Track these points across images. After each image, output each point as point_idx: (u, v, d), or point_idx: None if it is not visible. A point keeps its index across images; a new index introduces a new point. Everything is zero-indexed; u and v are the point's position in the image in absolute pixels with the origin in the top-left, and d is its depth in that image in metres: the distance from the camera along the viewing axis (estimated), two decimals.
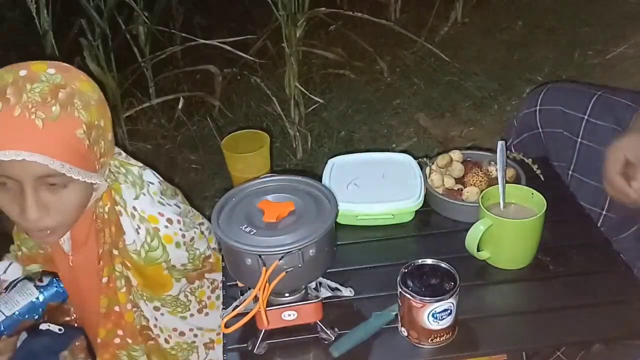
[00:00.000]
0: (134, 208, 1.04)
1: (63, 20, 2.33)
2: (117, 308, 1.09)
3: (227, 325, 0.90)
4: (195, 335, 1.17)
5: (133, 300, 1.08)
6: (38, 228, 0.94)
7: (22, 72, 0.89)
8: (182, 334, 1.16)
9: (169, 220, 1.06)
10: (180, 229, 1.08)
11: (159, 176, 1.14)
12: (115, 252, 1.05)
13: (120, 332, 1.11)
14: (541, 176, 1.26)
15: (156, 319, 1.12)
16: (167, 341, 1.15)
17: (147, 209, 1.05)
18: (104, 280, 1.07)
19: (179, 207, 1.12)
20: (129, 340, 1.10)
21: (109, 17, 2.39)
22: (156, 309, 1.11)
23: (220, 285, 1.12)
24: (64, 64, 0.96)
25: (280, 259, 0.88)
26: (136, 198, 1.05)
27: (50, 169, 0.88)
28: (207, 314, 1.16)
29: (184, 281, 1.11)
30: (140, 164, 1.12)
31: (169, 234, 1.05)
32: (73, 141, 0.90)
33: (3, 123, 0.86)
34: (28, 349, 1.08)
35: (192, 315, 1.15)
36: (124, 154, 1.12)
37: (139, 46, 2.64)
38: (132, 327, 1.09)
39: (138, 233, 1.03)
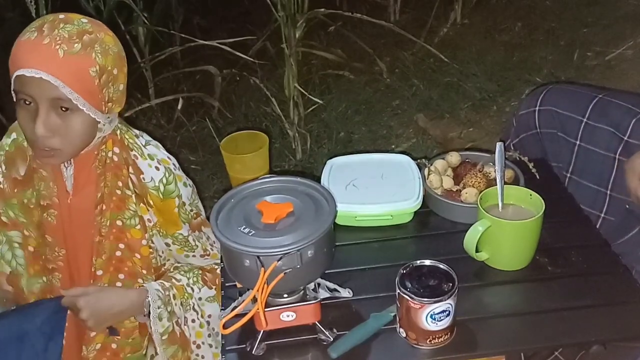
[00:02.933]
0: (150, 153, 1.20)
1: None
2: (118, 253, 1.19)
3: (225, 326, 0.90)
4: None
5: (149, 236, 1.21)
6: (43, 145, 1.07)
7: (61, 16, 1.08)
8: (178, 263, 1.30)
9: (174, 165, 1.23)
10: (183, 172, 1.25)
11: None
12: (128, 192, 1.17)
13: (121, 276, 1.21)
14: (537, 174, 1.26)
15: (162, 252, 1.25)
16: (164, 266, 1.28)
17: (158, 153, 1.21)
18: (104, 222, 1.17)
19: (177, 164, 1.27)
20: (144, 272, 1.22)
21: (108, 18, 2.39)
22: (167, 244, 1.24)
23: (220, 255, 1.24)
24: (98, 21, 1.13)
25: (278, 260, 0.88)
26: (146, 145, 1.21)
27: (60, 92, 1.03)
28: (206, 257, 1.30)
29: (188, 227, 1.23)
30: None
31: (178, 173, 1.22)
32: (85, 76, 1.04)
33: (34, 47, 1.03)
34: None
35: (194, 256, 1.28)
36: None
37: (138, 47, 2.64)
38: (147, 260, 1.22)
39: (158, 170, 1.19)
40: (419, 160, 1.31)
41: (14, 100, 1.08)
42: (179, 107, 2.63)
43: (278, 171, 2.39)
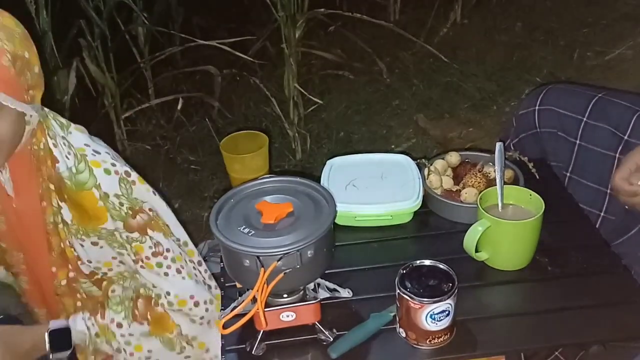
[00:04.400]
0: (63, 138, 1.09)
1: (62, 20, 2.33)
2: (62, 245, 1.12)
3: (225, 326, 0.90)
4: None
5: (66, 238, 1.11)
6: None
7: None
8: (122, 262, 1.17)
9: (96, 151, 1.09)
10: (112, 159, 1.10)
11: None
12: (52, 186, 1.08)
13: (72, 275, 1.15)
14: (536, 174, 1.26)
15: (87, 253, 1.13)
16: (106, 273, 1.18)
17: (75, 142, 1.09)
18: (50, 219, 1.09)
19: (109, 153, 1.13)
20: (75, 275, 1.14)
21: (108, 18, 2.39)
22: (94, 244, 1.12)
23: (169, 255, 1.14)
24: None
25: (278, 260, 0.88)
26: (65, 133, 1.10)
27: None
28: (142, 267, 1.15)
29: (121, 225, 1.10)
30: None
31: (96, 159, 1.08)
32: (0, 68, 0.95)
33: None
34: None
35: (128, 255, 1.14)
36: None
37: (138, 47, 2.64)
38: (74, 262, 1.12)
39: (67, 159, 1.07)
40: (418, 160, 1.31)
41: None
42: (179, 107, 2.63)
43: (278, 171, 2.39)
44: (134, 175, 1.12)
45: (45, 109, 1.11)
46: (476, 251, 1.08)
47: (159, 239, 1.13)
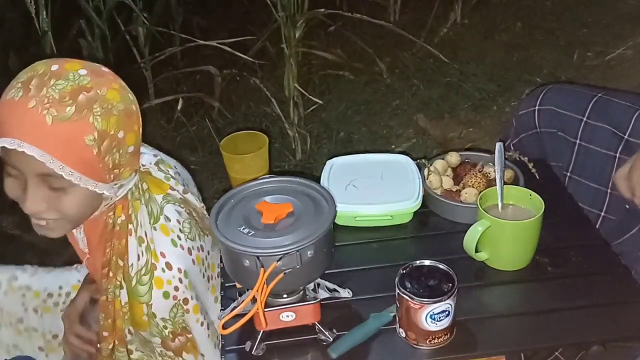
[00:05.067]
0: (145, 234, 1.01)
1: (62, 21, 2.33)
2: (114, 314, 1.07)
3: (225, 327, 0.90)
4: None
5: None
6: (38, 219, 0.94)
7: (54, 67, 0.89)
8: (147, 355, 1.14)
9: (168, 265, 1.01)
10: (179, 280, 1.01)
11: (192, 205, 1.12)
12: (121, 262, 1.02)
13: (117, 342, 1.10)
14: (536, 174, 1.26)
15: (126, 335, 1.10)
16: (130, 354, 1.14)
17: (157, 240, 1.01)
18: (110, 288, 1.04)
19: (191, 254, 1.04)
20: (116, 342, 1.09)
21: (108, 18, 2.39)
22: (130, 332, 1.08)
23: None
24: (104, 68, 0.94)
25: (278, 260, 0.88)
26: (151, 224, 1.02)
27: (49, 168, 0.87)
28: None
29: (159, 341, 1.05)
30: (172, 190, 1.09)
31: (161, 277, 1.00)
32: (79, 146, 0.88)
33: (16, 112, 0.86)
34: None
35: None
36: (163, 174, 1.10)
37: (138, 47, 2.64)
38: (121, 332, 1.08)
39: (139, 259, 1.00)
40: (418, 161, 1.31)
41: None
42: (179, 107, 2.63)
43: (278, 171, 2.39)
44: (191, 304, 1.03)
45: (157, 175, 1.07)
46: (476, 251, 1.08)
47: None
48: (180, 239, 1.03)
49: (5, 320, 1.23)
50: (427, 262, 0.97)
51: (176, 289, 1.00)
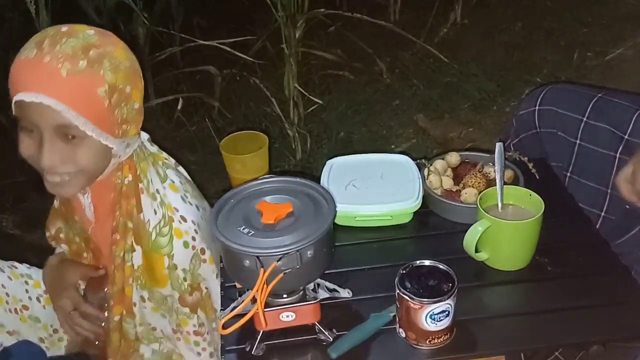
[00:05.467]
0: (157, 191, 1.07)
1: (62, 20, 2.30)
2: (123, 282, 1.10)
3: (225, 327, 0.90)
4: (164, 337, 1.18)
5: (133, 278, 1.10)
6: (53, 174, 0.98)
7: (64, 28, 0.96)
8: (153, 329, 1.16)
9: (183, 218, 1.07)
10: (195, 231, 1.07)
11: (184, 175, 1.17)
12: (130, 224, 1.06)
13: (124, 312, 1.13)
14: (536, 174, 1.26)
15: (135, 305, 1.12)
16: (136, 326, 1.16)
17: (169, 196, 1.07)
18: (120, 253, 1.08)
19: (199, 210, 1.11)
20: (126, 314, 1.12)
21: (108, 18, 2.39)
22: (142, 299, 1.11)
23: (207, 338, 1.14)
24: (108, 31, 1.00)
25: (278, 260, 0.88)
26: (160, 181, 1.08)
27: (65, 118, 0.92)
28: (178, 339, 1.14)
29: (177, 296, 1.08)
30: (167, 159, 1.15)
31: (180, 229, 1.05)
32: (93, 97, 0.93)
33: (32, 67, 0.92)
34: None
35: (169, 322, 1.14)
36: (155, 147, 1.15)
37: (138, 47, 2.64)
38: (129, 301, 1.11)
39: (155, 213, 1.05)
40: (418, 160, 1.31)
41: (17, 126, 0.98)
42: (179, 107, 2.63)
43: (278, 171, 2.39)
44: (207, 254, 1.09)
45: (151, 149, 1.11)
46: (476, 251, 1.08)
47: (204, 320, 1.12)
48: (187, 197, 1.10)
49: (11, 306, 1.23)
50: (427, 262, 0.97)
51: (193, 238, 1.06)
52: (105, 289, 1.16)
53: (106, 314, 1.15)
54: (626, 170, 1.14)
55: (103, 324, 1.17)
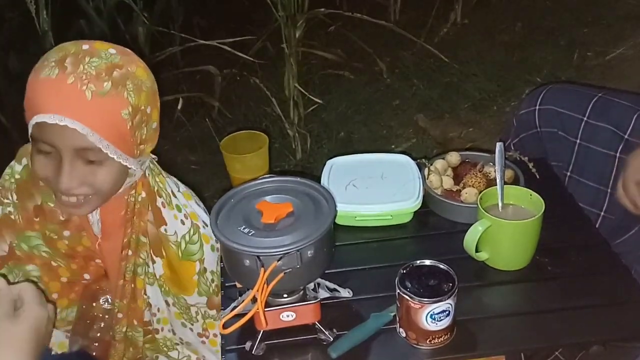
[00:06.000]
0: (179, 201, 1.08)
1: (62, 20, 2.32)
2: (135, 294, 1.10)
3: (225, 326, 0.90)
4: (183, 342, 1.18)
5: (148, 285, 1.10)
6: (69, 196, 0.96)
7: (85, 47, 0.94)
8: (174, 332, 1.17)
9: (205, 223, 1.10)
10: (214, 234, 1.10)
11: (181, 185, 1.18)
12: (144, 239, 1.06)
13: (135, 322, 1.13)
14: (536, 174, 1.26)
15: (158, 311, 1.12)
16: (157, 332, 1.16)
17: (189, 205, 1.09)
18: (130, 268, 1.07)
19: (207, 224, 1.12)
20: (135, 322, 1.12)
21: (108, 18, 2.39)
22: (167, 303, 1.12)
23: None
24: (127, 49, 0.99)
25: (278, 260, 0.88)
26: (175, 194, 1.09)
27: (88, 142, 0.90)
28: (203, 342, 1.15)
29: (204, 301, 1.10)
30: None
31: (206, 233, 1.09)
32: (116, 119, 0.92)
33: (55, 88, 0.89)
34: None
35: (191, 330, 1.15)
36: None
37: (138, 47, 2.64)
38: (140, 312, 1.11)
39: (183, 224, 1.07)
40: (419, 160, 1.31)
41: (30, 142, 0.96)
42: (179, 107, 2.63)
43: (278, 171, 2.39)
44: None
45: (154, 163, 1.10)
46: (476, 251, 1.08)
47: None
48: (199, 201, 1.13)
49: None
50: (427, 262, 0.97)
51: (217, 241, 1.07)
52: (100, 300, 1.15)
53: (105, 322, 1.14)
54: (627, 181, 1.14)
55: (111, 333, 1.15)
